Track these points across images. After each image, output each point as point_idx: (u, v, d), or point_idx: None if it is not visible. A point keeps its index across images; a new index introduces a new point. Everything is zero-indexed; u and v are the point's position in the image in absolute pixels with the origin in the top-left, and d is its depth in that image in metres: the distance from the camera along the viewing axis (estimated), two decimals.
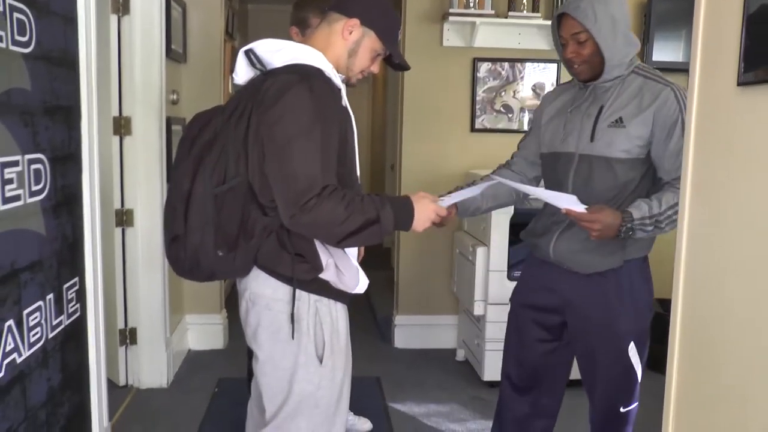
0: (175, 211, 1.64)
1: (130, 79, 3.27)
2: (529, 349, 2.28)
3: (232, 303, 3.57)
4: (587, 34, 1.98)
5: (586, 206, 1.95)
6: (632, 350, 2.11)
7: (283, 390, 1.72)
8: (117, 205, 3.33)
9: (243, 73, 1.75)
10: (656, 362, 3.72)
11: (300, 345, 1.71)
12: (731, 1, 1.52)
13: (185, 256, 1.65)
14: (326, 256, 1.70)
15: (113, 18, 3.20)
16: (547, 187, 2.21)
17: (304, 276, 1.69)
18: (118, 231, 3.35)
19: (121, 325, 3.41)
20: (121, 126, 3.28)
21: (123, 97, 3.29)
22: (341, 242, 1.65)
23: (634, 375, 2.15)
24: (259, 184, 1.63)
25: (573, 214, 1.95)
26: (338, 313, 1.77)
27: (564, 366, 2.33)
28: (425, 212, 1.74)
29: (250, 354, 1.97)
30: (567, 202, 1.95)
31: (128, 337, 3.44)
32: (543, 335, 2.25)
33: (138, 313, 3.43)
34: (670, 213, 1.95)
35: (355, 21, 1.75)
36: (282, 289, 1.70)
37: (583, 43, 2.00)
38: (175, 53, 3.60)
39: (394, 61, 1.88)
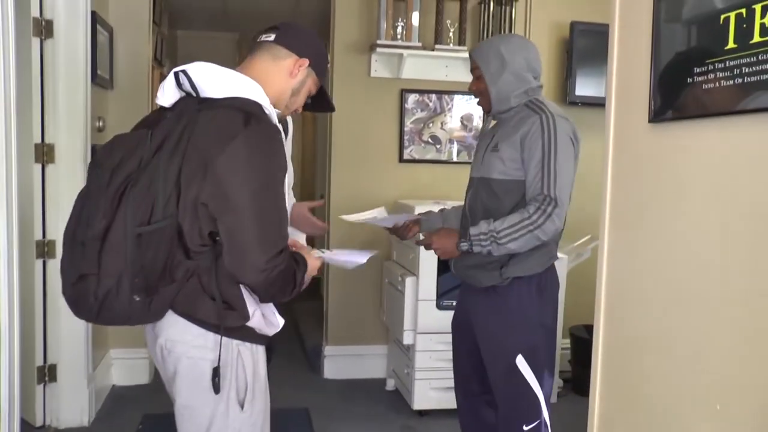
0: (84, 248, 1.50)
1: (53, 105, 3.18)
2: (462, 365, 2.47)
3: None
4: (479, 71, 2.28)
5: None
6: (521, 363, 2.23)
7: None
8: (38, 236, 3.20)
9: (171, 95, 1.64)
10: (580, 385, 3.83)
11: (221, 392, 1.63)
12: (641, 44, 1.62)
13: (95, 299, 1.51)
14: (252, 304, 1.65)
15: (35, 41, 3.11)
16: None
17: (230, 323, 1.61)
18: (38, 263, 3.21)
19: (39, 361, 3.26)
20: (44, 153, 3.18)
21: (45, 124, 3.19)
22: (287, 297, 1.65)
23: (531, 392, 2.25)
24: (190, 227, 1.53)
25: (419, 242, 2.33)
26: (259, 355, 1.72)
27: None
28: (312, 268, 1.76)
29: None
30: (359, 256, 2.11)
31: (47, 374, 3.28)
32: (467, 351, 2.42)
33: (59, 348, 3.29)
34: (509, 231, 2.12)
35: (306, 61, 1.74)
36: (203, 336, 1.61)
37: (479, 79, 2.30)
38: (101, 79, 3.53)
39: (323, 101, 1.89)
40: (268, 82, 1.68)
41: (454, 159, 4.14)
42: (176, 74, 1.61)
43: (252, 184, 1.52)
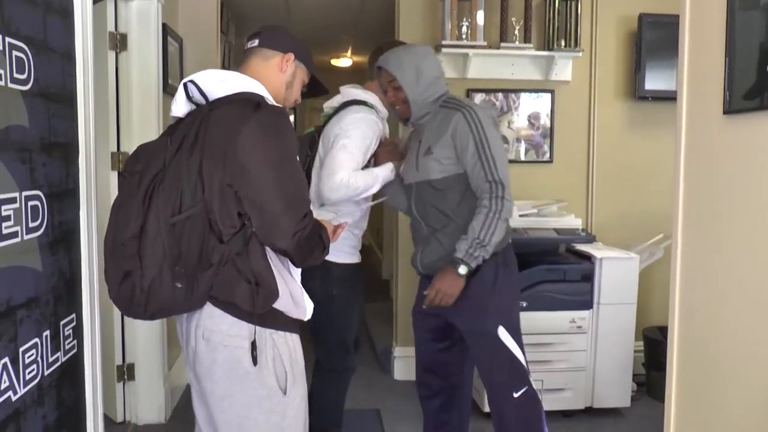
0: (124, 248, 1.63)
1: (127, 115, 3.31)
2: (425, 351, 2.64)
3: None
4: (396, 81, 2.39)
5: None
6: (503, 334, 2.40)
7: (246, 424, 1.73)
8: None
9: (183, 105, 1.80)
10: (655, 389, 3.71)
11: (260, 378, 1.72)
12: (713, 33, 1.56)
13: (141, 292, 1.62)
14: (282, 284, 1.73)
15: (111, 54, 3.25)
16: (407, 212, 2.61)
17: (262, 305, 1.69)
18: None
19: (118, 360, 3.40)
20: (119, 161, 3.31)
21: (121, 133, 3.32)
22: (319, 259, 1.78)
23: (516, 359, 2.42)
24: (219, 211, 1.64)
25: (427, 304, 2.38)
26: (294, 343, 1.80)
27: (457, 363, 2.64)
28: (330, 231, 1.90)
29: None
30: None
31: (126, 372, 3.42)
32: (431, 336, 2.60)
33: (136, 348, 3.42)
34: (485, 230, 2.30)
35: (291, 56, 1.91)
36: (238, 325, 1.70)
37: (398, 89, 2.42)
38: (171, 88, 3.64)
39: (315, 87, 2.07)
40: (263, 81, 1.83)
41: (522, 158, 4.10)
42: (185, 84, 1.76)
43: (270, 157, 1.66)
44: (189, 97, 1.78)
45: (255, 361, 1.70)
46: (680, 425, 1.80)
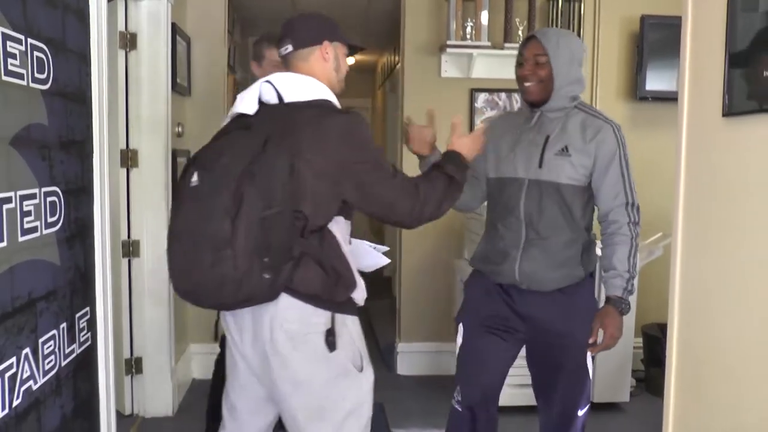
0: (213, 239, 1.68)
1: (136, 113, 3.36)
2: (491, 370, 2.33)
3: None
4: (546, 57, 2.17)
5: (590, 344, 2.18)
6: (589, 357, 2.27)
7: (326, 405, 1.82)
8: (124, 236, 3.39)
9: (254, 104, 1.87)
10: (654, 385, 3.75)
11: (339, 360, 1.82)
12: (714, 35, 1.60)
13: (232, 282, 1.68)
14: (357, 275, 1.86)
15: (121, 53, 3.30)
16: (495, 211, 2.35)
17: (342, 294, 1.81)
18: (124, 262, 3.40)
19: (127, 354, 3.45)
20: (128, 158, 3.36)
21: (130, 130, 3.37)
22: (445, 208, 1.95)
23: (589, 379, 2.32)
24: (314, 209, 1.74)
25: (595, 350, 2.18)
26: (358, 326, 1.90)
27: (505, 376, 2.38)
28: (465, 147, 2.07)
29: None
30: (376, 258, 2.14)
31: (134, 366, 3.47)
32: (503, 347, 2.31)
33: (144, 342, 3.47)
34: (631, 265, 2.17)
35: (325, 43, 1.94)
36: (317, 313, 1.79)
37: (540, 65, 2.18)
38: (180, 86, 3.69)
39: (352, 49, 2.08)
40: (318, 76, 1.91)
41: None
42: (263, 84, 1.85)
43: (365, 149, 1.83)
44: (260, 96, 1.87)
45: (334, 346, 1.79)
46: (678, 420, 1.84)
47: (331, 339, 1.79)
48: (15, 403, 1.62)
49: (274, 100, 1.86)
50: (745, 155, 1.53)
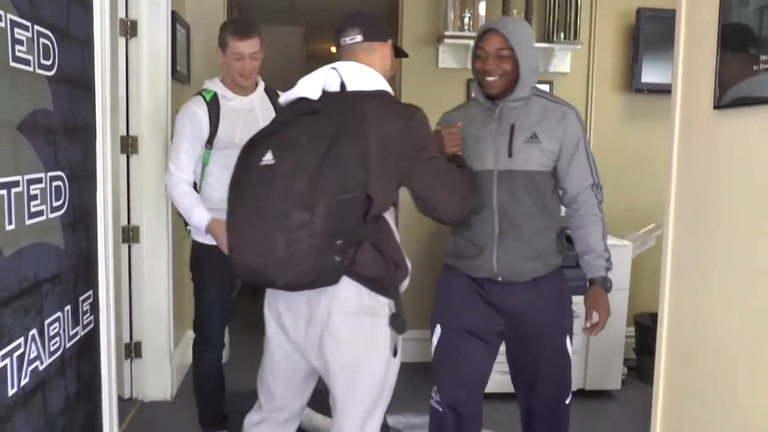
0: (290, 218, 1.69)
1: (137, 100, 3.38)
2: (472, 370, 2.33)
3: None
4: (510, 51, 2.17)
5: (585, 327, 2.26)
6: (568, 344, 2.32)
7: (360, 385, 1.89)
8: (124, 222, 3.42)
9: (318, 89, 1.91)
10: (645, 373, 3.81)
11: (386, 343, 1.91)
12: (708, 29, 1.64)
13: (305, 259, 1.70)
14: (409, 264, 1.97)
15: (121, 40, 3.32)
16: None
17: (400, 280, 1.93)
18: (124, 247, 3.43)
19: (126, 339, 3.49)
20: (129, 145, 3.39)
21: (130, 117, 3.39)
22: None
23: (570, 368, 2.35)
24: (383, 195, 1.83)
25: (595, 331, 2.23)
26: None
27: (489, 374, 2.40)
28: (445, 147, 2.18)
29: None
30: None
31: (133, 350, 3.51)
32: (483, 348, 2.32)
33: (143, 327, 3.51)
34: (606, 244, 2.25)
35: (390, 41, 2.04)
36: (376, 297, 1.87)
37: (503, 58, 2.18)
38: (179, 74, 3.71)
39: (397, 53, 2.13)
40: (380, 70, 1.98)
41: None
42: (330, 71, 1.92)
43: (426, 139, 1.94)
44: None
45: (403, 328, 1.91)
46: (668, 408, 1.87)
47: (397, 323, 1.89)
48: (23, 382, 1.66)
49: (336, 87, 1.91)
50: (735, 147, 1.56)
